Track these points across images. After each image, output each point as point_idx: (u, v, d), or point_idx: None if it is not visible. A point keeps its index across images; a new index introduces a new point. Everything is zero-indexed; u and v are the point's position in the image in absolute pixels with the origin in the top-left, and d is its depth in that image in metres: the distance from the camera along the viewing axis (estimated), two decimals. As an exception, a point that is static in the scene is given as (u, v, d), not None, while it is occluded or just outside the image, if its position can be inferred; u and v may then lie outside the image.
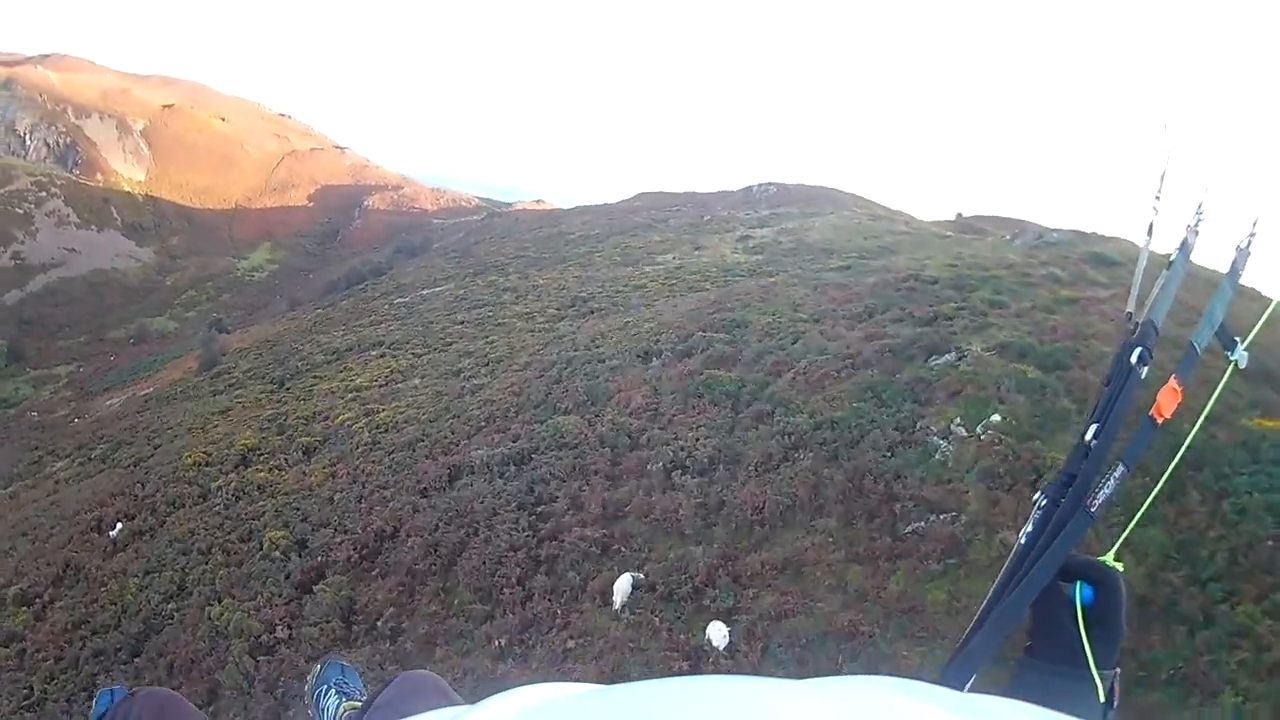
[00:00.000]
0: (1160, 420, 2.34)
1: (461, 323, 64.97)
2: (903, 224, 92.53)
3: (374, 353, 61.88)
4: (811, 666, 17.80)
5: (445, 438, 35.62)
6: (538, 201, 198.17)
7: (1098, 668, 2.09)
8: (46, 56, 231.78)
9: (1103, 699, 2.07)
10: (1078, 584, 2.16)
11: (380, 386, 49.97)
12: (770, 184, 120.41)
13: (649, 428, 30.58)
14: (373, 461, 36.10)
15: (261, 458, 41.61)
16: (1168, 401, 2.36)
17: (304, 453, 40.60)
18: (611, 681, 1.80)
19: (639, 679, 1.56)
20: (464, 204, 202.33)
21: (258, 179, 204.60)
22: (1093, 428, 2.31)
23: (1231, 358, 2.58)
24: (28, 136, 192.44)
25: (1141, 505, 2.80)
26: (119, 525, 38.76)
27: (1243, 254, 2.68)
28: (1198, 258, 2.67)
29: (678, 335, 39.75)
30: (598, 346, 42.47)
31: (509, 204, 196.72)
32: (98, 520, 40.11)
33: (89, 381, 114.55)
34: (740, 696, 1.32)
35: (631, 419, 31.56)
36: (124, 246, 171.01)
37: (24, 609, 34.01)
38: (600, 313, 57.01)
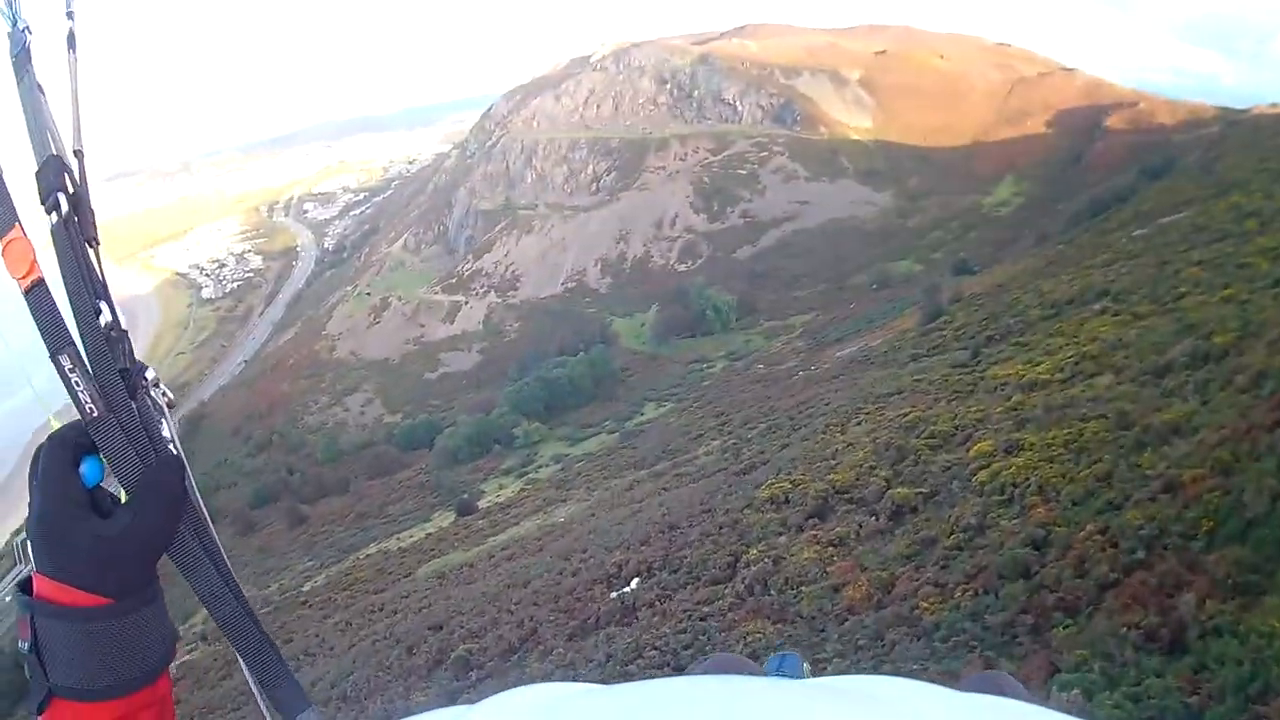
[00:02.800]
0: None
1: (1197, 264, 48.80)
2: None
3: (1095, 306, 48.46)
4: None
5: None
6: (1274, 105, 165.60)
7: None
8: (741, 28, 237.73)
9: None
10: None
11: (1060, 385, 35.40)
12: None
13: None
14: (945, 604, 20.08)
15: (839, 514, 28.75)
16: None
17: (890, 517, 26.97)
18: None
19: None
20: (1202, 115, 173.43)
21: (988, 112, 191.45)
22: None
23: None
24: (737, 103, 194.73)
25: None
26: (632, 584, 30.32)
27: None
28: None
29: None
30: None
31: (1245, 111, 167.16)
32: (620, 567, 32.06)
33: (822, 331, 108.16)
34: (740, 696, 1.29)
35: None
36: (859, 194, 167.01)
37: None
38: None
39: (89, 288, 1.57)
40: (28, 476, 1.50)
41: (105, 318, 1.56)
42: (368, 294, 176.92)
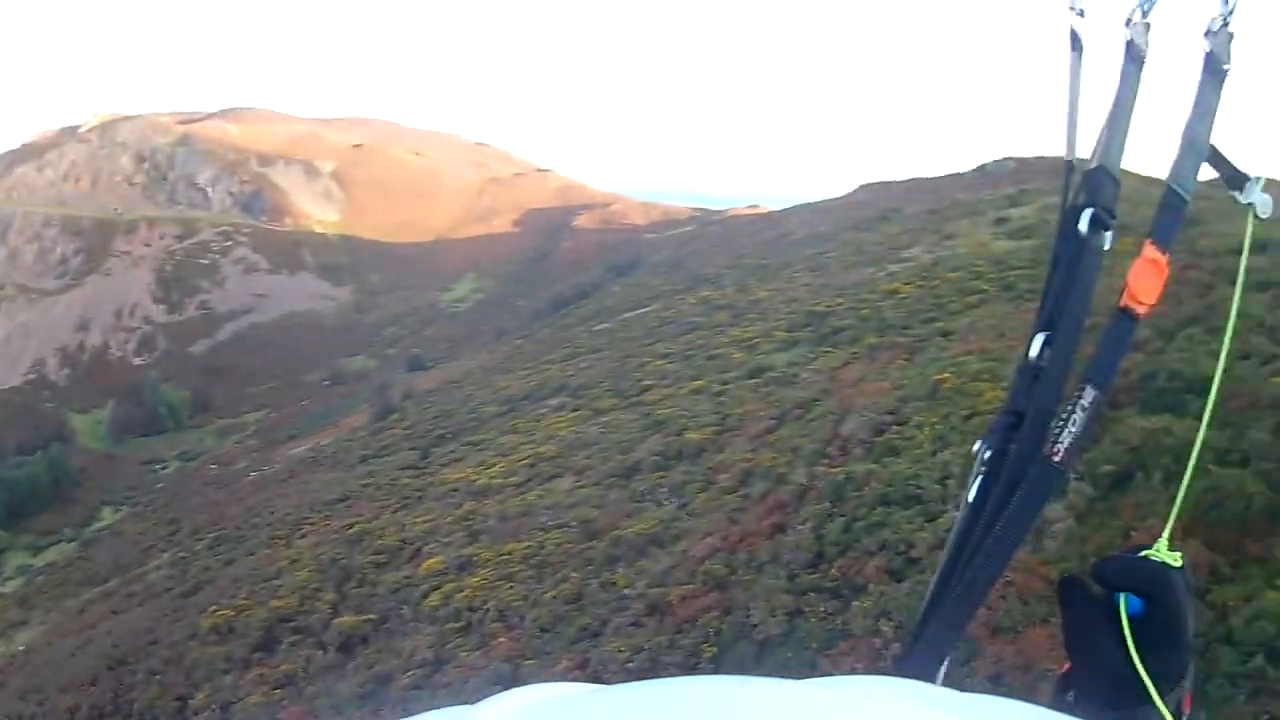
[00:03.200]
0: (1141, 311, 1.56)
1: (664, 356, 49.03)
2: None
3: (552, 402, 48.19)
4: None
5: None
6: (753, 207, 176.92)
7: (1161, 696, 1.49)
8: (228, 111, 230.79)
9: None
10: (1122, 596, 1.50)
11: (515, 489, 33.11)
12: (1007, 159, 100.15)
13: None
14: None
15: (286, 646, 26.72)
16: (1146, 280, 1.56)
17: (340, 649, 25.09)
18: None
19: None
20: (676, 216, 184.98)
21: (459, 209, 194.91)
22: (1040, 338, 1.59)
23: (1243, 201, 1.64)
24: (210, 189, 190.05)
25: (1187, 461, 1.88)
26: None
27: (1221, 36, 1.69)
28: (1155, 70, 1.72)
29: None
30: (892, 455, 21.23)
31: (722, 211, 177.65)
32: (72, 713, 29.61)
33: (275, 429, 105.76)
34: (740, 696, 1.22)
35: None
36: (319, 288, 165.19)
37: None
38: (845, 336, 39.28)
39: None
40: None
41: None
42: None
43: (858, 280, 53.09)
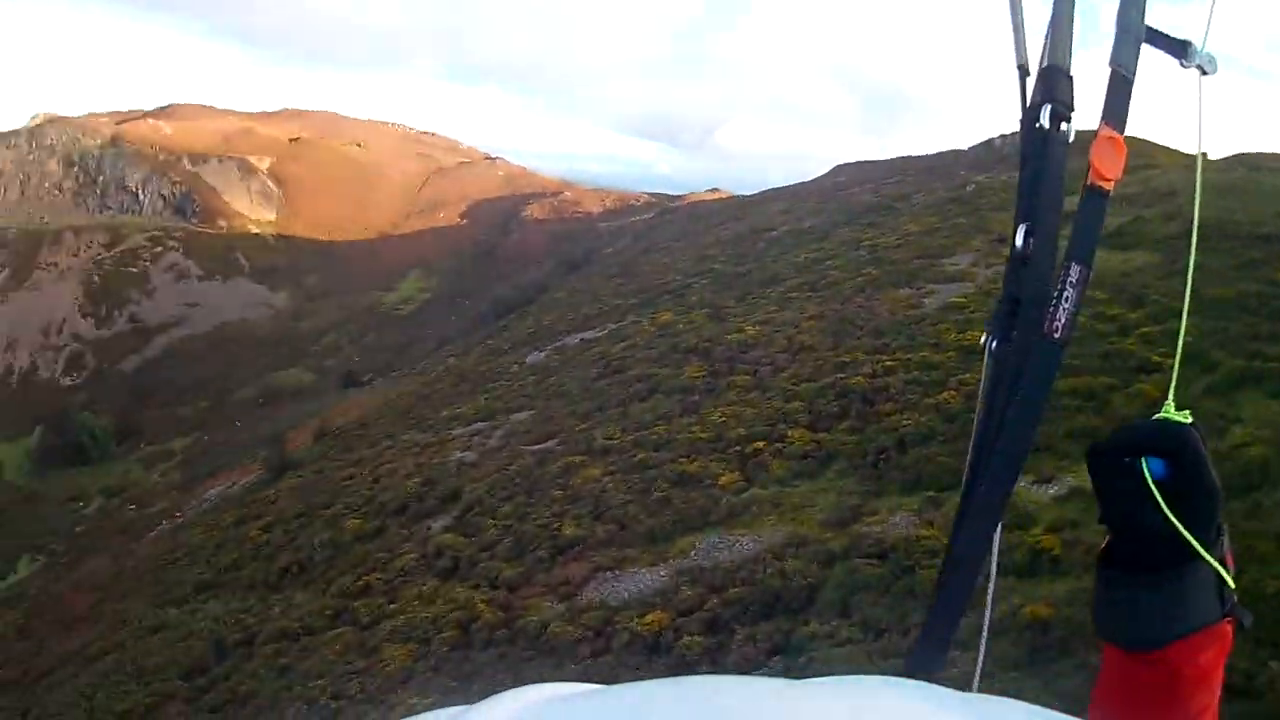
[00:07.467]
0: (1107, 186, 1.70)
1: (604, 452, 29.59)
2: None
3: (434, 527, 29.03)
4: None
5: None
6: (713, 191, 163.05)
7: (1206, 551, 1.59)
8: (162, 109, 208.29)
9: (1232, 584, 1.61)
10: (1142, 460, 1.59)
11: None
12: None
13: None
14: None
15: None
16: (1107, 157, 1.69)
17: None
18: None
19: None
20: (632, 202, 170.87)
21: (402, 203, 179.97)
22: (1021, 229, 1.72)
23: (1186, 66, 1.77)
24: (140, 191, 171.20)
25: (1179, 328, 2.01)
26: None
27: None
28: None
29: None
30: None
31: (681, 197, 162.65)
32: None
33: (199, 461, 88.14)
34: (742, 696, 1.29)
35: None
36: (254, 294, 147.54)
37: None
38: (947, 471, 20.78)
39: None
40: None
41: None
42: None
43: (894, 314, 35.07)
